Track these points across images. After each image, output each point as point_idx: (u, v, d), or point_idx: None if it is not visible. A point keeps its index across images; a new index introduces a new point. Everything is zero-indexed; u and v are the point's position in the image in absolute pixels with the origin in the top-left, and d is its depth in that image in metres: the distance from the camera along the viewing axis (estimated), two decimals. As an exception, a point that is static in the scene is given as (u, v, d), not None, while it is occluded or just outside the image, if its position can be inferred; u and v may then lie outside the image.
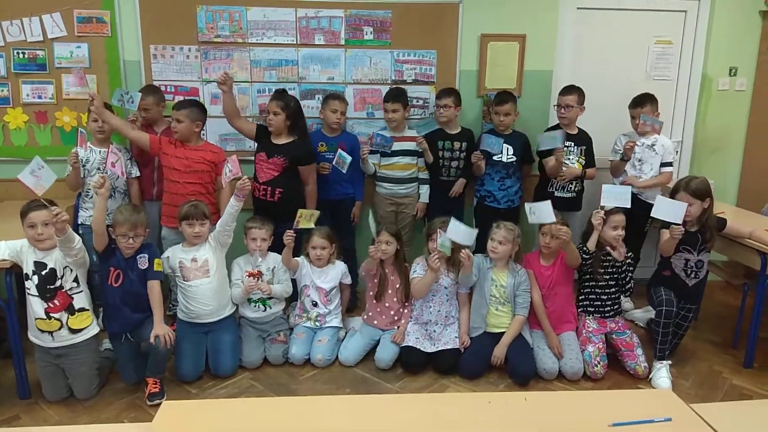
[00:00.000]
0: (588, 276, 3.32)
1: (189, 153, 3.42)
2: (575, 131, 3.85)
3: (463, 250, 3.15)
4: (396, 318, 3.41)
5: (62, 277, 2.78)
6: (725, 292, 4.38)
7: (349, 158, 3.61)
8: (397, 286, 3.40)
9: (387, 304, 3.41)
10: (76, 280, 2.82)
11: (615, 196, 3.09)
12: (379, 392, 3.00)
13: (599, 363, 3.14)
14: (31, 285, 2.74)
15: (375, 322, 3.42)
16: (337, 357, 3.30)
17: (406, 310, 3.41)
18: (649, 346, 3.26)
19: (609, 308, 3.32)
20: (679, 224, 2.98)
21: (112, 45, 3.84)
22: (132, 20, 3.83)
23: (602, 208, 3.12)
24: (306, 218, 3.23)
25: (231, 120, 3.61)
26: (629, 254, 3.34)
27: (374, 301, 3.43)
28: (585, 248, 3.21)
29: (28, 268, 2.75)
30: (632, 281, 3.33)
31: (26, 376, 2.90)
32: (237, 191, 3.09)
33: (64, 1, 3.74)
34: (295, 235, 3.26)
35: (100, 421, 2.72)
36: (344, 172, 3.65)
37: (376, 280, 3.40)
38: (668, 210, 2.97)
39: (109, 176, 3.12)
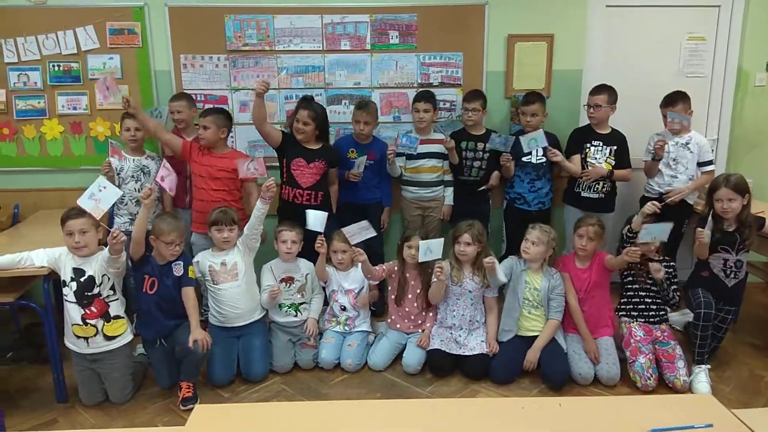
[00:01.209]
0: (631, 278, 3.24)
1: (213, 161, 3.45)
2: (607, 131, 3.78)
3: (486, 258, 3.13)
4: (419, 322, 3.39)
5: (101, 284, 2.82)
6: (766, 294, 4.25)
7: (361, 158, 3.66)
8: (418, 291, 3.37)
9: (407, 309, 3.39)
10: (112, 288, 2.87)
11: (656, 233, 3.02)
12: (410, 397, 2.98)
13: (651, 375, 3.02)
14: (68, 291, 2.80)
15: (398, 326, 3.40)
16: (366, 361, 3.30)
17: (430, 314, 3.39)
18: (688, 350, 3.16)
19: (654, 313, 3.22)
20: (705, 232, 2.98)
21: (143, 56, 3.92)
22: (162, 31, 3.90)
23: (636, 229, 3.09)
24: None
25: (259, 125, 3.56)
26: (671, 264, 3.22)
27: (395, 306, 3.42)
28: (629, 228, 3.13)
29: (66, 275, 2.80)
30: (676, 293, 3.20)
31: (64, 381, 2.96)
32: (263, 193, 3.12)
33: (96, 14, 3.84)
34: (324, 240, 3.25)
35: (135, 425, 2.76)
36: (360, 170, 3.69)
37: (395, 284, 3.39)
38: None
39: (142, 185, 3.18)
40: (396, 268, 3.39)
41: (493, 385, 3.09)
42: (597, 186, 3.76)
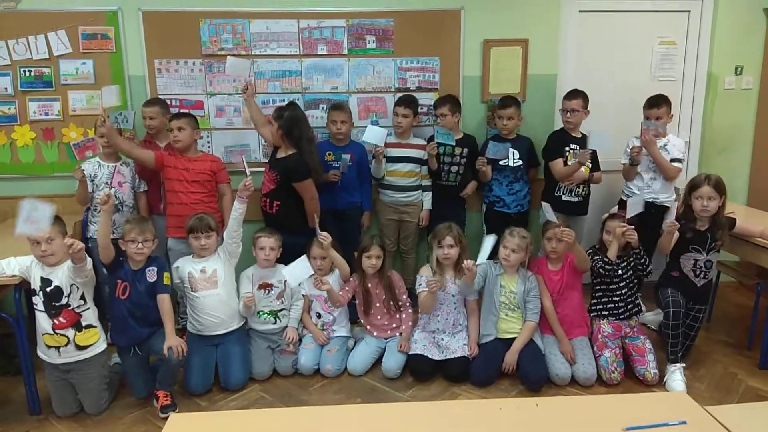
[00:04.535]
0: (599, 279, 3.29)
1: (191, 164, 3.45)
2: (579, 135, 3.83)
3: (465, 261, 3.11)
4: (393, 326, 3.40)
5: (69, 295, 2.76)
6: (738, 293, 4.33)
7: (346, 156, 3.68)
8: (383, 298, 3.38)
9: (378, 317, 3.40)
10: (83, 297, 2.81)
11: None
12: (390, 401, 2.97)
13: (616, 369, 3.10)
14: (38, 301, 2.74)
15: (374, 333, 3.41)
16: (346, 367, 3.28)
17: (404, 315, 3.39)
18: (661, 349, 3.21)
19: (623, 309, 3.27)
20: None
21: (116, 60, 3.86)
22: (136, 35, 3.85)
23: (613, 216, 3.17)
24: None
25: (257, 128, 3.68)
26: (633, 252, 3.28)
27: (365, 316, 3.42)
28: (607, 259, 3.17)
29: (35, 283, 2.75)
30: (648, 266, 3.30)
31: (36, 392, 2.90)
32: (239, 192, 3.11)
33: (68, 18, 3.78)
34: (329, 237, 3.24)
35: (110, 435, 2.72)
36: (345, 171, 3.70)
37: (360, 297, 3.40)
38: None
39: (115, 192, 3.16)
40: (357, 281, 3.37)
41: (472, 388, 3.10)
42: (577, 189, 3.80)
